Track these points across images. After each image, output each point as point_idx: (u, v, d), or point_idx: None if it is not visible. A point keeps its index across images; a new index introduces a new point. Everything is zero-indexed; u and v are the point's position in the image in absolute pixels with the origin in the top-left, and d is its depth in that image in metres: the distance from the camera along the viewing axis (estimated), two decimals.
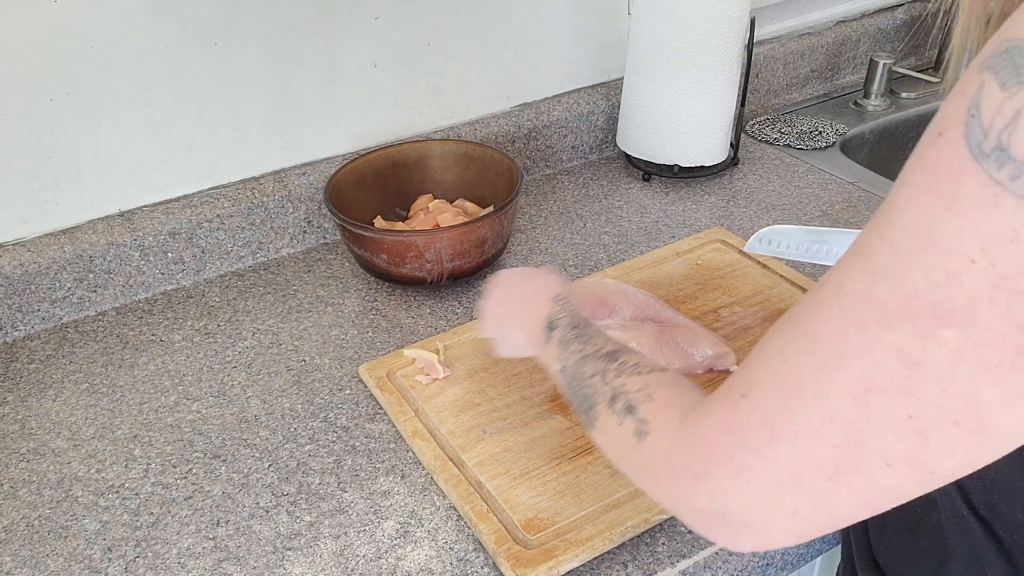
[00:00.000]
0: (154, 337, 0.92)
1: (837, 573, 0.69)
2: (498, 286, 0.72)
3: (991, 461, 0.36)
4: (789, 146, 1.24)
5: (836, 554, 0.80)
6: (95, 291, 0.95)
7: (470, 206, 1.02)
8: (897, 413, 0.35)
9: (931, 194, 0.33)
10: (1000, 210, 0.31)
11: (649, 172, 1.17)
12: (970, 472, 0.37)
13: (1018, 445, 0.35)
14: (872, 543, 0.62)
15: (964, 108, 0.33)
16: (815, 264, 0.98)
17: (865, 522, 0.63)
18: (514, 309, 0.69)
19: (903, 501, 0.39)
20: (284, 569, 0.66)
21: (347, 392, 0.83)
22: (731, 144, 1.19)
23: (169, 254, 0.97)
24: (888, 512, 0.58)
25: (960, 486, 0.51)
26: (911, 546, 0.57)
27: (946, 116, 0.33)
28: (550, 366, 0.62)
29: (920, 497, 0.55)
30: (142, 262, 0.96)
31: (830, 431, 0.37)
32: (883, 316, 0.34)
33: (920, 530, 0.56)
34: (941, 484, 0.37)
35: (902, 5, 1.49)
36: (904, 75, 1.38)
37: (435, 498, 0.72)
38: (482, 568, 0.65)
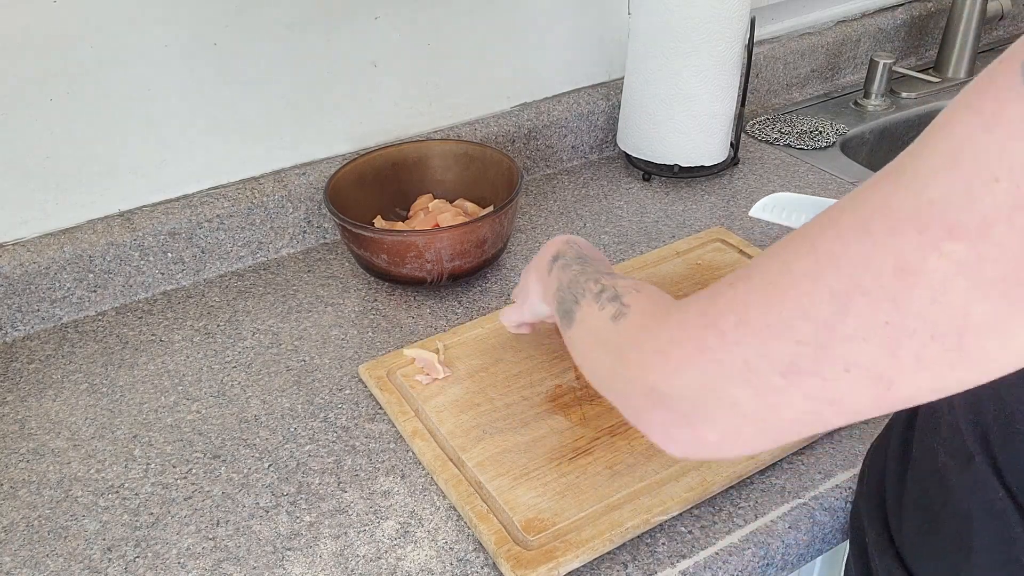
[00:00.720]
0: (154, 337, 0.92)
1: (845, 570, 0.69)
2: (530, 270, 0.76)
3: (953, 392, 0.35)
4: (789, 146, 1.24)
5: (837, 554, 0.80)
6: (95, 291, 0.95)
7: (470, 206, 1.02)
8: (875, 318, 0.34)
9: (970, 114, 0.33)
10: None
11: (649, 172, 1.17)
12: (926, 398, 0.36)
13: (988, 379, 0.35)
14: (892, 531, 0.61)
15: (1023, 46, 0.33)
16: None
17: (884, 509, 0.62)
18: (534, 264, 0.73)
19: (850, 421, 0.38)
20: (284, 569, 0.66)
21: (347, 392, 0.83)
22: (731, 144, 1.19)
23: (169, 254, 0.97)
24: (906, 497, 0.57)
25: (995, 466, 0.50)
26: (931, 535, 0.56)
27: (1008, 50, 0.33)
28: (549, 294, 0.65)
29: (937, 484, 0.54)
30: (142, 262, 0.96)
31: (799, 328, 0.37)
32: (891, 223, 0.34)
33: (941, 519, 0.55)
34: (892, 407, 0.37)
35: (902, 5, 1.49)
36: (904, 75, 1.38)
37: (435, 498, 0.72)
38: (482, 569, 0.65)
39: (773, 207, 0.82)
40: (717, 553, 0.66)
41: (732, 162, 1.20)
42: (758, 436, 0.41)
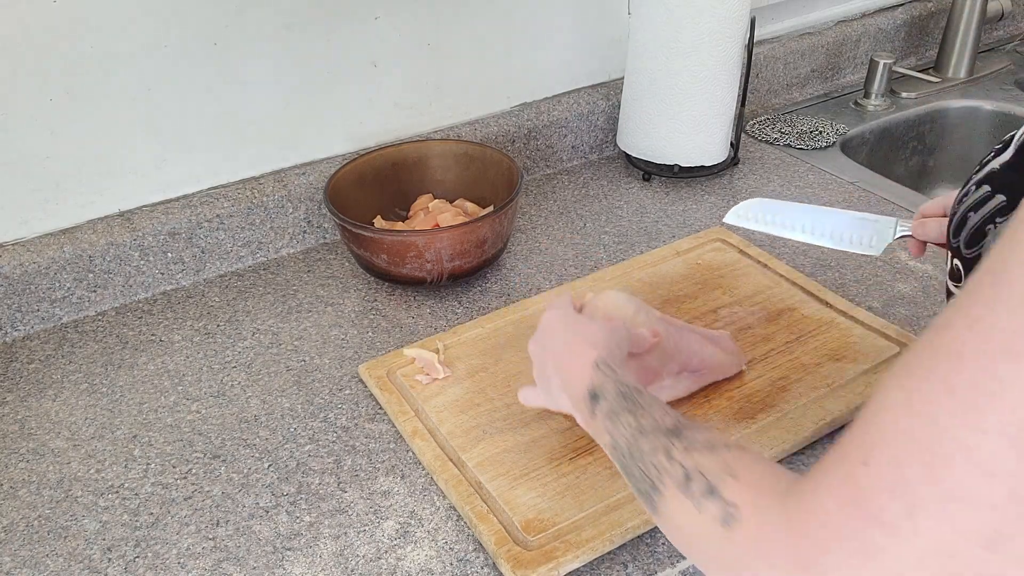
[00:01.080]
0: (154, 337, 0.92)
1: None
2: (544, 331, 0.66)
3: None
4: (789, 146, 1.24)
5: None
6: (95, 291, 0.95)
7: (470, 206, 1.02)
8: None
9: None
10: None
11: (649, 172, 1.17)
12: None
13: None
14: None
15: None
16: (812, 260, 0.98)
17: None
18: (556, 364, 0.63)
19: None
20: (284, 569, 0.66)
21: (347, 392, 0.83)
22: (731, 144, 1.19)
23: (169, 254, 0.97)
24: None
25: None
26: None
27: None
28: (597, 439, 0.57)
29: None
30: (142, 262, 0.96)
31: (987, 488, 0.31)
32: None
33: None
34: None
35: (902, 5, 1.49)
36: (904, 75, 1.38)
37: (435, 498, 0.72)
38: (482, 569, 0.65)
39: (747, 214, 0.80)
40: None
41: (732, 162, 1.19)
42: None
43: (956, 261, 0.52)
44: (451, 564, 0.66)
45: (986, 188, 0.50)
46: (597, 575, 0.65)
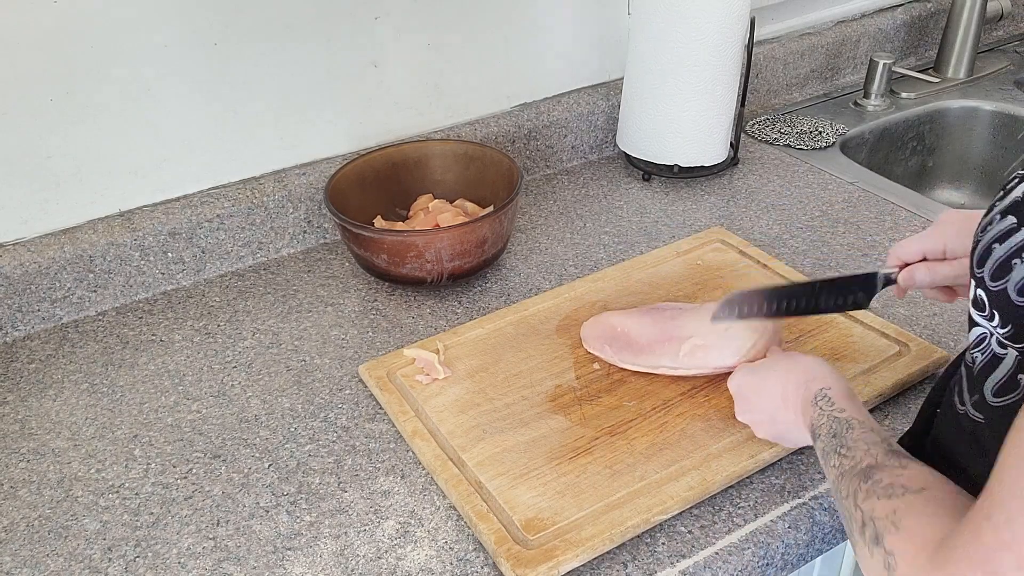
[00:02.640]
0: (154, 337, 0.92)
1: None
2: (753, 372, 0.71)
3: None
4: (789, 146, 1.24)
5: (837, 554, 0.80)
6: (95, 291, 0.95)
7: (470, 206, 1.02)
8: None
9: None
10: None
11: (649, 172, 1.17)
12: None
13: None
14: None
15: None
16: (812, 260, 0.98)
17: None
18: (775, 404, 0.67)
19: None
20: (284, 569, 0.66)
21: (347, 392, 0.83)
22: (731, 144, 1.19)
23: (169, 254, 0.97)
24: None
25: None
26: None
27: None
28: (812, 430, 0.62)
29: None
30: (142, 262, 0.96)
31: None
32: None
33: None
34: None
35: (902, 5, 1.49)
36: (904, 75, 1.38)
37: (435, 498, 0.72)
38: (482, 568, 0.65)
39: (730, 309, 0.77)
40: (717, 553, 0.66)
41: (732, 162, 1.20)
42: None
43: (980, 291, 0.52)
44: (451, 564, 0.66)
45: (1011, 219, 0.49)
46: (597, 574, 0.65)
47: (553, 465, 0.72)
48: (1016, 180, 0.51)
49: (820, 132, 1.27)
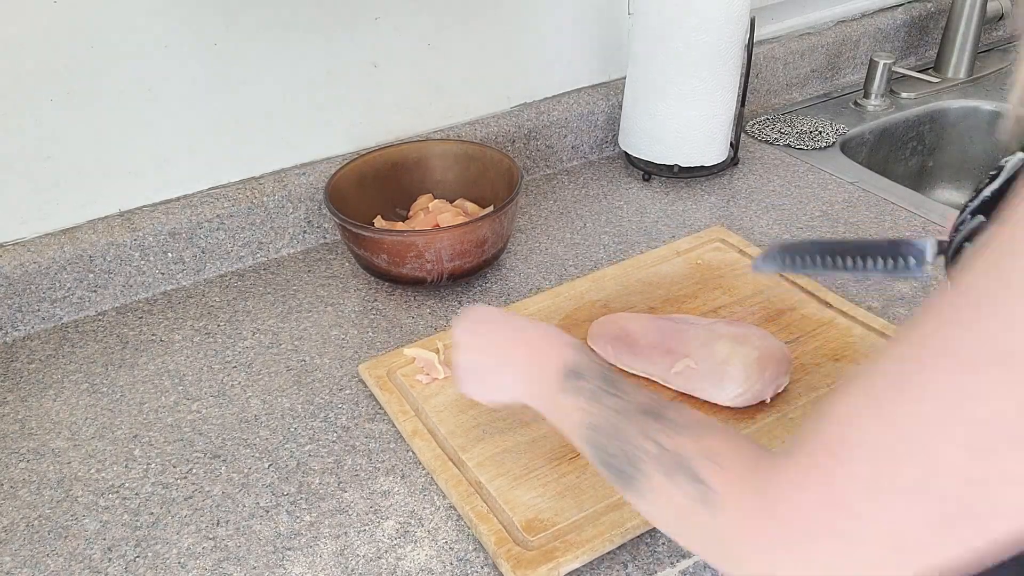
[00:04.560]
0: (154, 337, 0.92)
1: None
2: (479, 319, 0.67)
3: None
4: (789, 146, 1.24)
5: None
6: (95, 291, 0.95)
7: (470, 206, 1.02)
8: (1016, 461, 0.34)
9: None
10: None
11: (649, 172, 1.17)
12: None
13: None
14: None
15: None
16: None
17: None
18: (510, 348, 0.64)
19: (1014, 552, 0.37)
20: (284, 569, 0.66)
21: (347, 392, 0.83)
22: (731, 144, 1.19)
23: (169, 254, 0.97)
24: None
25: None
26: None
27: None
28: (563, 420, 0.57)
29: None
30: (142, 262, 0.96)
31: (941, 485, 0.35)
32: (1001, 359, 0.33)
33: None
34: None
35: (902, 5, 1.49)
36: (904, 75, 1.38)
37: (435, 498, 0.72)
38: (482, 568, 0.65)
39: (775, 257, 0.77)
40: None
41: (732, 162, 1.20)
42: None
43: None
44: (451, 564, 0.66)
45: (981, 217, 0.50)
46: (597, 575, 0.65)
47: (553, 466, 0.72)
48: (987, 180, 0.52)
49: (820, 132, 1.27)
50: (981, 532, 0.36)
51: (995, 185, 0.52)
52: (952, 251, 0.52)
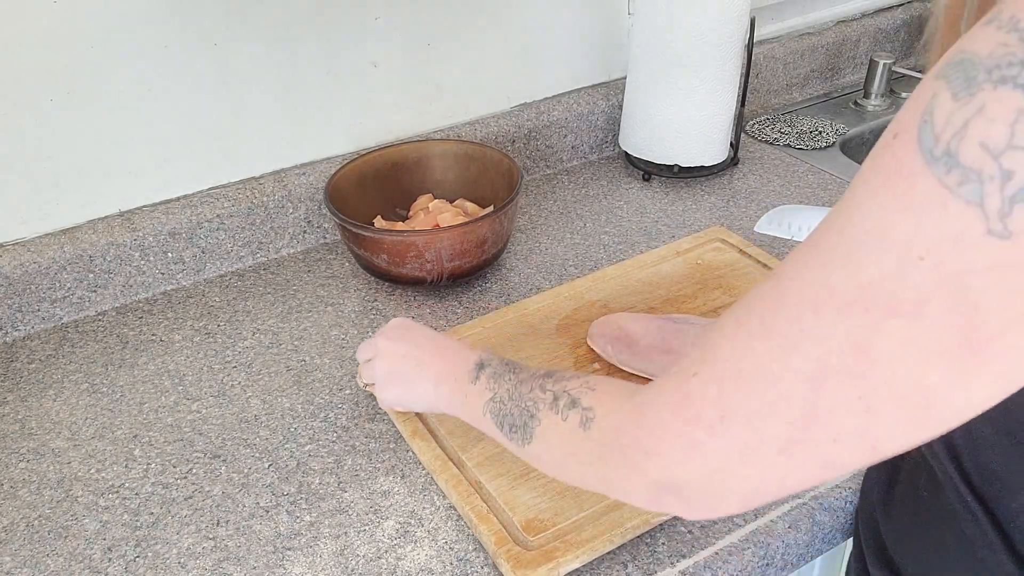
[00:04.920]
0: (154, 337, 0.92)
1: (848, 567, 0.69)
2: (401, 329, 0.72)
3: (932, 437, 0.38)
4: (789, 146, 1.24)
5: (837, 554, 0.80)
6: (95, 291, 0.95)
7: (470, 206, 1.02)
8: (849, 394, 0.37)
9: (886, 194, 0.35)
10: (947, 212, 0.33)
11: (649, 172, 1.17)
12: (910, 447, 0.39)
13: (958, 423, 0.37)
14: (881, 530, 0.62)
15: (919, 113, 0.34)
16: None
17: (874, 512, 0.63)
18: (426, 357, 0.69)
19: (847, 472, 0.42)
20: (284, 569, 0.66)
21: (347, 392, 0.83)
22: (731, 144, 1.19)
23: (169, 254, 0.97)
24: (896, 491, 0.59)
25: (961, 469, 0.53)
26: (915, 534, 0.58)
27: (901, 120, 0.35)
28: (472, 406, 0.63)
29: (926, 479, 0.56)
30: (142, 262, 0.96)
31: (783, 409, 0.39)
32: (838, 303, 0.36)
33: (925, 518, 0.57)
34: (882, 458, 0.39)
35: (902, 5, 1.49)
36: (904, 75, 1.38)
37: (435, 498, 0.72)
38: (482, 568, 0.65)
39: (779, 221, 0.81)
40: (717, 553, 0.66)
41: (732, 162, 1.20)
42: (771, 496, 0.43)
43: None
44: (451, 564, 0.66)
45: None
46: (597, 575, 0.65)
47: None
48: None
49: (820, 132, 1.27)
50: (818, 456, 0.39)
51: None
52: None
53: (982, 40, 0.33)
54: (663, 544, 0.67)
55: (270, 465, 0.76)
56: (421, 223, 0.98)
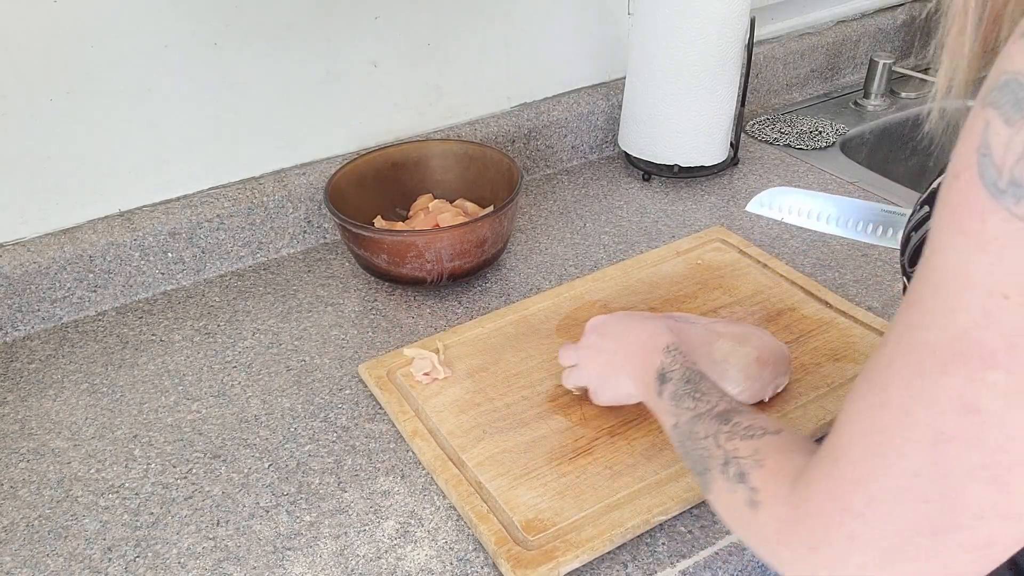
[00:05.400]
0: (154, 337, 0.92)
1: None
2: (599, 333, 0.72)
3: None
4: (789, 146, 1.24)
5: None
6: (95, 291, 0.95)
7: (470, 206, 1.02)
8: (971, 462, 0.35)
9: (960, 236, 0.34)
10: None
11: (649, 172, 1.17)
12: None
13: None
14: None
15: (975, 148, 0.33)
16: (812, 260, 0.98)
17: None
18: (622, 357, 0.69)
19: (1014, 551, 0.38)
20: (284, 569, 0.66)
21: (347, 392, 0.83)
22: (731, 144, 1.19)
23: (169, 254, 0.97)
24: None
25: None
26: None
27: (960, 157, 0.34)
28: (662, 420, 0.62)
29: None
30: (142, 262, 0.96)
31: (919, 486, 0.36)
32: (937, 362, 0.35)
33: None
34: None
35: (902, 5, 1.49)
36: (904, 75, 1.38)
37: (435, 498, 0.72)
38: (482, 568, 0.65)
39: (771, 203, 0.82)
40: (717, 553, 0.66)
41: (732, 162, 1.20)
42: None
43: (904, 279, 0.54)
44: (451, 564, 0.66)
45: (927, 208, 0.51)
46: (597, 575, 0.65)
47: (553, 466, 0.72)
48: (938, 173, 0.54)
49: (820, 132, 1.27)
50: (971, 538, 0.36)
51: (942, 177, 0.53)
52: (902, 242, 0.54)
53: (1021, 58, 0.32)
54: (663, 544, 0.67)
55: (270, 465, 0.76)
56: (421, 223, 0.98)
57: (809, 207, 0.81)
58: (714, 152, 1.14)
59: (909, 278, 0.53)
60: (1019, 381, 0.33)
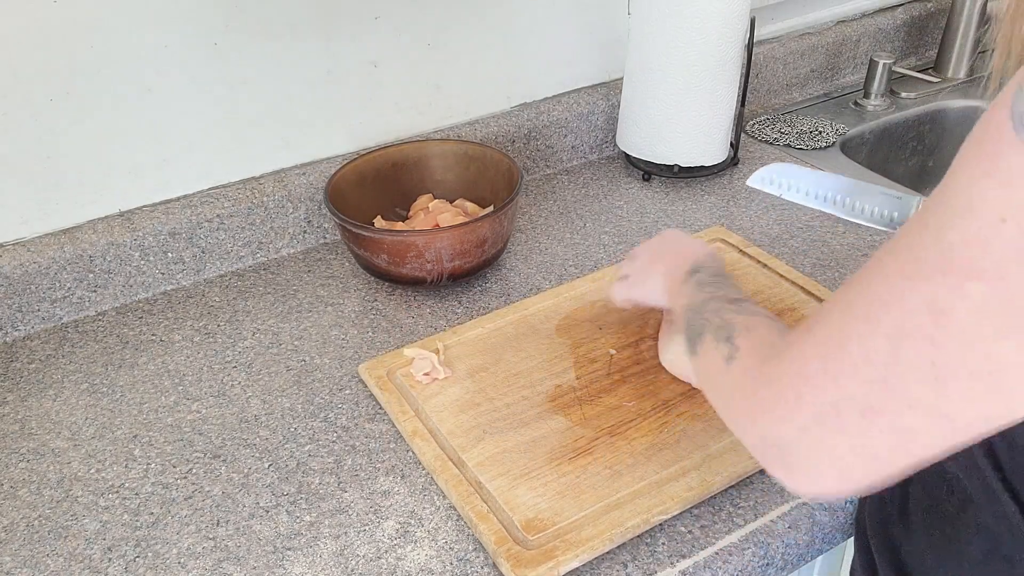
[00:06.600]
0: (154, 337, 0.92)
1: (851, 570, 0.69)
2: (661, 238, 0.80)
3: (1008, 423, 0.38)
4: (789, 146, 1.24)
5: (837, 554, 0.80)
6: (95, 291, 0.95)
7: (470, 206, 1.02)
8: (922, 360, 0.38)
9: (975, 161, 0.36)
10: None
11: (649, 172, 1.17)
12: (988, 429, 0.38)
13: None
14: (895, 537, 0.61)
15: (1013, 91, 0.35)
16: (812, 260, 0.98)
17: (885, 514, 0.62)
18: (665, 256, 0.75)
19: (933, 452, 0.41)
20: (284, 569, 0.66)
21: (347, 392, 0.83)
22: (731, 144, 1.19)
23: (169, 254, 0.97)
24: (911, 503, 0.58)
25: (1003, 478, 0.52)
26: (944, 544, 0.57)
27: (1000, 96, 0.36)
28: (677, 303, 0.68)
29: (946, 492, 0.55)
30: (142, 262, 0.96)
31: (867, 370, 0.40)
32: (922, 268, 0.37)
33: (955, 528, 0.56)
34: (964, 439, 0.39)
35: (902, 5, 1.49)
36: (904, 75, 1.38)
37: (435, 498, 0.72)
38: (482, 568, 0.65)
39: (772, 179, 0.83)
40: (717, 553, 0.66)
41: (732, 162, 1.20)
42: (866, 471, 0.43)
43: None
44: (451, 564, 0.66)
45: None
46: (597, 575, 0.65)
47: (553, 465, 0.72)
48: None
49: (820, 132, 1.27)
50: (897, 425, 0.40)
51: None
52: None
53: None
54: (663, 544, 0.67)
55: (270, 465, 0.76)
56: (421, 223, 0.98)
57: (808, 186, 0.82)
58: (714, 152, 1.14)
59: None
60: (996, 301, 0.35)
